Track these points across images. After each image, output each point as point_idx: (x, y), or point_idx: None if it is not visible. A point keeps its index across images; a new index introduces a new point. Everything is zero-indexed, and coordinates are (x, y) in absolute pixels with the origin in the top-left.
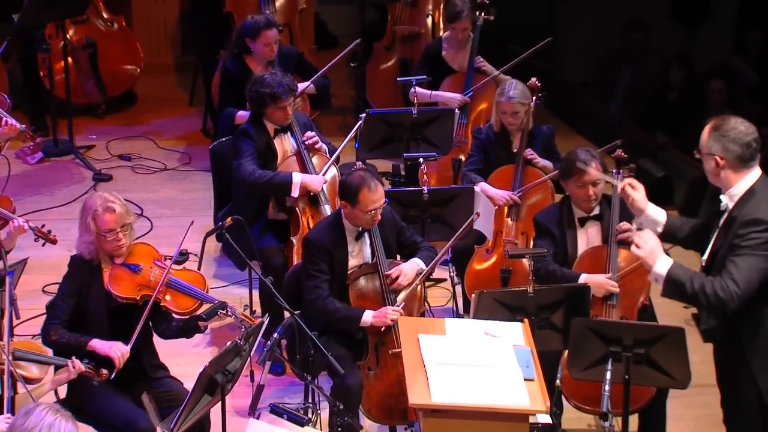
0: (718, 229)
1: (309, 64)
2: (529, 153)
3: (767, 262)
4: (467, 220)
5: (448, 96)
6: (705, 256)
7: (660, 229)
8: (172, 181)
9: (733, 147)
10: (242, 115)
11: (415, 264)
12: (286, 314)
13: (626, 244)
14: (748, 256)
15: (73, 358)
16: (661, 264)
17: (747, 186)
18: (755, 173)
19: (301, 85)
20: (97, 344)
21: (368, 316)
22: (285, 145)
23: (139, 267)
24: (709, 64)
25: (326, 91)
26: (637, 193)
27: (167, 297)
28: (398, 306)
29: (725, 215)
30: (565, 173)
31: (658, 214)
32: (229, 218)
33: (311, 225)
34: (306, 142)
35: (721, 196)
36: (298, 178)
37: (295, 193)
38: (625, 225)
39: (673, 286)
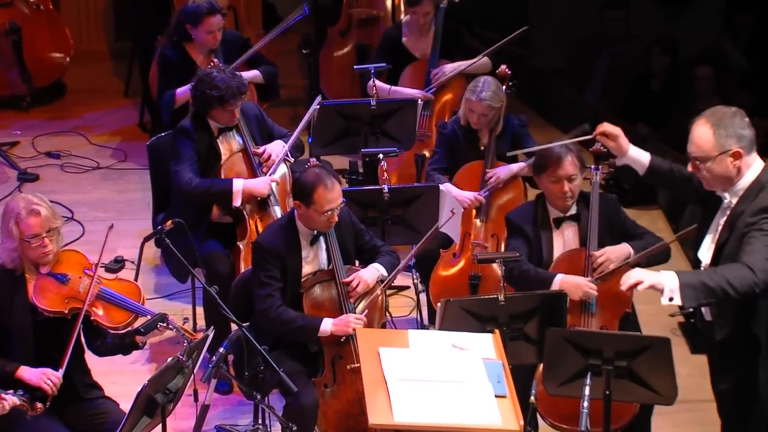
0: (722, 225)
1: (257, 52)
2: (491, 181)
3: None
4: (434, 222)
5: (408, 93)
6: (708, 260)
7: (643, 172)
8: (106, 180)
9: (745, 132)
10: (182, 92)
11: (376, 270)
12: (233, 327)
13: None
14: (761, 242)
15: (1, 395)
16: (668, 278)
17: (753, 176)
18: (758, 161)
19: (247, 74)
20: (25, 374)
21: (328, 325)
22: (230, 144)
23: (68, 277)
24: (695, 49)
25: (274, 79)
26: (615, 141)
27: (98, 310)
28: (361, 313)
29: (728, 210)
30: (538, 168)
31: (641, 155)
32: (170, 222)
33: (259, 229)
34: (260, 159)
35: (723, 194)
36: (239, 185)
37: (237, 202)
38: (600, 258)
39: (693, 291)
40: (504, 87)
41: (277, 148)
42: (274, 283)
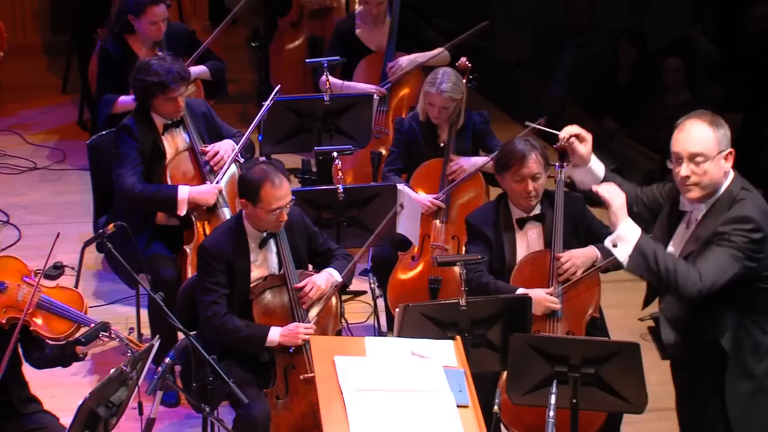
0: (688, 238)
1: (201, 45)
2: (455, 173)
3: (741, 264)
4: (391, 224)
5: (362, 88)
6: None
7: (594, 186)
8: (44, 182)
9: (728, 134)
10: (124, 101)
11: (330, 275)
12: (180, 336)
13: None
14: (724, 251)
15: None
16: (629, 228)
17: (725, 186)
18: (731, 170)
19: (194, 70)
20: None
21: (275, 335)
22: (176, 141)
23: (5, 285)
24: (664, 40)
25: (222, 75)
26: (585, 146)
27: (38, 320)
28: (311, 322)
29: (694, 224)
30: (500, 166)
31: (598, 168)
32: (112, 225)
33: (208, 232)
34: (206, 158)
35: (698, 206)
36: (185, 192)
37: (182, 211)
38: (566, 264)
39: (641, 257)
40: (464, 80)
41: (226, 147)
42: (220, 289)
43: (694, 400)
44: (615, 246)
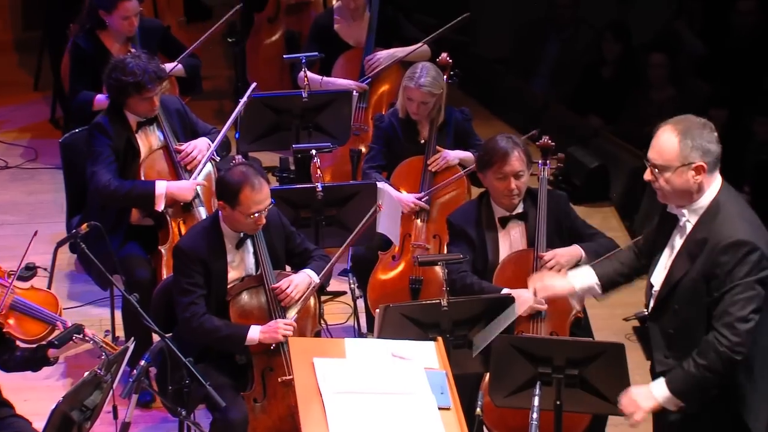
0: (678, 249)
1: (176, 41)
2: (437, 163)
3: (758, 287)
4: (371, 223)
5: (342, 84)
6: (658, 287)
7: (599, 289)
8: (16, 181)
9: (713, 147)
10: (102, 99)
11: (307, 276)
12: (156, 338)
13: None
14: (738, 290)
15: None
16: (656, 391)
17: (711, 196)
18: (718, 180)
19: (168, 67)
20: None
21: (255, 333)
22: (150, 139)
23: None
24: (649, 34)
25: (197, 72)
26: (552, 285)
27: (11, 321)
28: (291, 319)
29: (687, 232)
30: (482, 164)
31: (585, 278)
32: (85, 225)
33: (183, 232)
34: (181, 161)
35: (679, 211)
36: (162, 187)
37: (160, 206)
38: (550, 262)
39: (689, 395)
40: (445, 77)
41: (202, 146)
42: (197, 290)
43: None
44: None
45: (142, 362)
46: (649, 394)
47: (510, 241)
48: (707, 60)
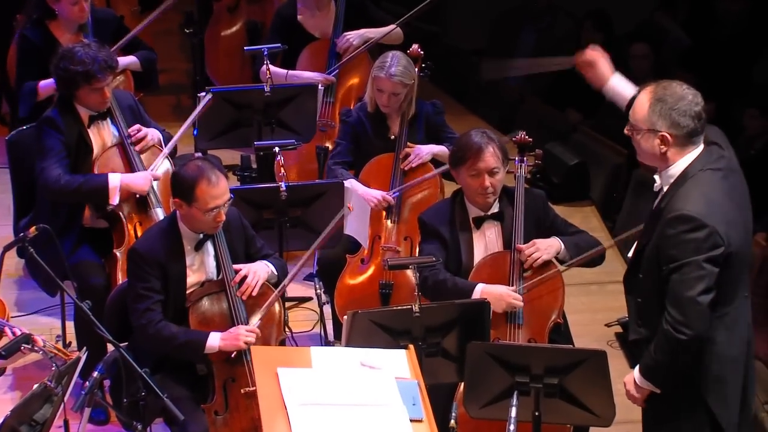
0: (647, 219)
1: (130, 32)
2: (410, 160)
3: (708, 265)
4: (335, 216)
5: (308, 77)
6: (631, 252)
7: (624, 107)
8: None
9: (684, 121)
10: (46, 85)
11: (266, 266)
12: (110, 347)
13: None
14: (686, 269)
15: None
16: (636, 374)
17: (682, 167)
18: (693, 153)
19: (123, 60)
20: None
21: (215, 340)
22: (104, 135)
23: None
24: (631, 24)
25: (153, 66)
26: (595, 65)
27: None
28: (254, 326)
29: (656, 201)
30: (455, 160)
31: (624, 88)
32: (34, 228)
33: (139, 234)
34: (131, 139)
35: (655, 176)
36: (116, 180)
37: (115, 200)
38: (529, 250)
39: (653, 377)
40: (416, 69)
41: (153, 133)
42: (154, 295)
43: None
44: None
45: (96, 373)
46: (632, 377)
47: (485, 242)
48: (692, 50)
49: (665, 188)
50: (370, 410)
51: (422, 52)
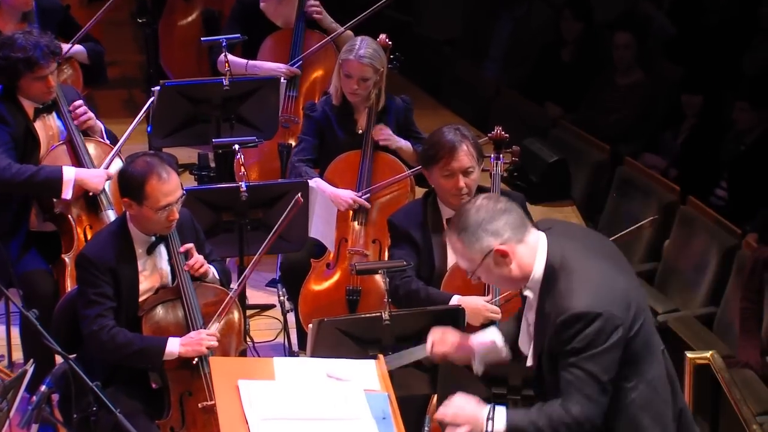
0: (533, 327)
1: (77, 23)
2: (382, 133)
3: (608, 354)
4: (303, 228)
5: (271, 67)
6: (530, 360)
7: (506, 351)
8: None
9: (499, 221)
10: None
11: (209, 267)
12: (59, 359)
13: None
14: (582, 364)
15: None
16: (497, 420)
17: (542, 265)
18: (539, 240)
19: (69, 48)
20: None
21: (174, 345)
22: (50, 129)
23: None
24: (613, 12)
25: (100, 60)
26: (448, 341)
27: None
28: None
29: (534, 308)
30: (427, 159)
31: (490, 337)
32: None
33: (89, 237)
34: (75, 121)
35: (525, 292)
36: (71, 173)
37: (68, 194)
38: None
39: None
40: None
41: (98, 124)
42: (106, 301)
43: None
44: None
45: (43, 387)
46: (476, 415)
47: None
48: (678, 40)
49: (534, 296)
50: (338, 425)
51: (390, 43)
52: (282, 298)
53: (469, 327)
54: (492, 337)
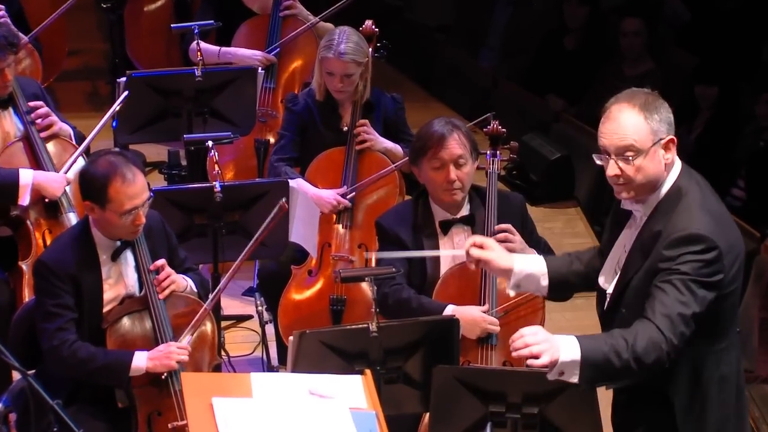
0: (630, 246)
1: (24, 12)
2: (362, 130)
3: (704, 290)
4: (283, 232)
5: (245, 54)
6: (611, 288)
7: (545, 282)
8: None
9: (671, 118)
10: None
11: (183, 280)
12: (16, 375)
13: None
14: (680, 284)
15: None
16: (567, 349)
17: (672, 181)
18: (677, 160)
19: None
20: None
21: (141, 360)
22: (5, 126)
23: None
24: None
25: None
26: (490, 251)
27: None
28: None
29: (639, 225)
30: (415, 153)
31: (531, 264)
32: None
33: (49, 242)
34: (36, 122)
35: (636, 206)
36: (28, 177)
37: (25, 200)
38: (503, 231)
39: (595, 370)
40: (370, 49)
41: (65, 126)
42: (67, 313)
43: None
44: (562, 374)
45: (0, 406)
46: (556, 345)
47: (453, 250)
48: (692, 26)
49: (648, 212)
50: None
51: (377, 30)
52: (260, 308)
53: (464, 340)
54: (535, 266)
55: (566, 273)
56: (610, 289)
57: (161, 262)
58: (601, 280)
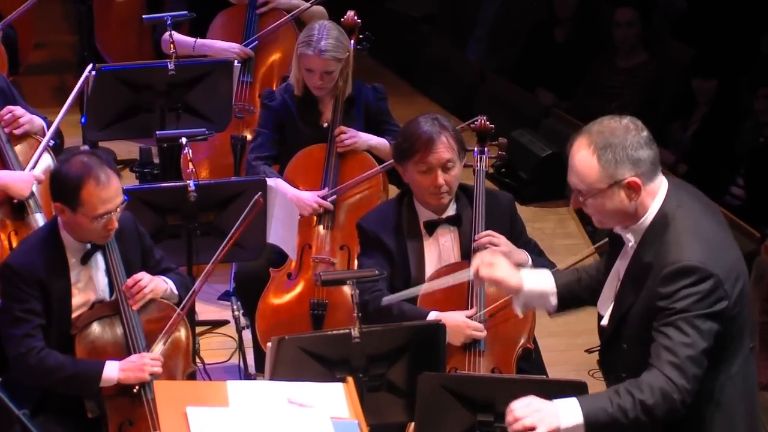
0: (623, 276)
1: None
2: (343, 137)
3: (709, 322)
4: (259, 233)
5: (222, 47)
6: (605, 320)
7: (554, 300)
8: None
9: (644, 153)
10: None
11: (164, 282)
12: None
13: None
14: (682, 324)
15: None
16: (568, 414)
17: (656, 210)
18: (662, 186)
19: None
20: None
21: (113, 370)
22: None
23: None
24: None
25: (14, 45)
26: (500, 270)
27: None
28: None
29: (630, 256)
30: (401, 153)
31: (540, 281)
32: None
33: (15, 245)
34: (5, 128)
35: (624, 233)
36: None
37: None
38: (485, 237)
39: (602, 431)
40: (352, 41)
41: (32, 118)
42: (35, 318)
43: None
44: None
45: None
46: (554, 412)
47: (439, 251)
48: (688, 16)
49: (637, 240)
50: None
51: (359, 21)
52: (236, 313)
53: (450, 346)
54: (544, 284)
55: (576, 289)
56: (604, 321)
57: (133, 280)
58: (599, 306)
